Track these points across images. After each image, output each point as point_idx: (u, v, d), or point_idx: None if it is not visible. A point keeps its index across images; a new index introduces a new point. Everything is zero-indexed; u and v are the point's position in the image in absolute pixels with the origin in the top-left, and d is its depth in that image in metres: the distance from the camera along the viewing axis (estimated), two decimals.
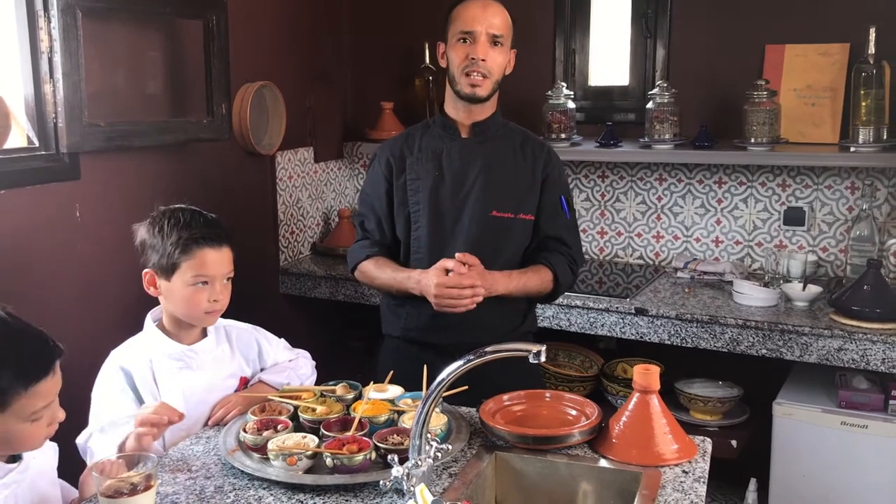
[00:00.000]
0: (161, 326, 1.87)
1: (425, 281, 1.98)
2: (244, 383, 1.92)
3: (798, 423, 2.53)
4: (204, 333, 1.91)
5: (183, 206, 1.87)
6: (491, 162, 2.07)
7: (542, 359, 1.36)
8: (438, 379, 1.39)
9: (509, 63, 2.08)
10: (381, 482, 1.39)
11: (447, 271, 1.95)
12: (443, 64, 2.10)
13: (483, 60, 1.99)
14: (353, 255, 2.18)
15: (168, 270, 1.79)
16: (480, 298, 1.96)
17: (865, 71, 2.66)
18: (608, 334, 2.76)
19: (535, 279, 2.07)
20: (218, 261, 1.82)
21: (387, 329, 2.18)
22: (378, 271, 2.10)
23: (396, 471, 1.37)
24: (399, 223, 2.10)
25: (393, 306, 2.14)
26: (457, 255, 1.96)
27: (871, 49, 2.64)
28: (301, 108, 3.37)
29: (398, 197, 2.10)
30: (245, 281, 3.14)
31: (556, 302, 2.72)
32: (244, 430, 1.64)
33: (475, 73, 2.00)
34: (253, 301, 3.18)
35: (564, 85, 3.16)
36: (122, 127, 2.45)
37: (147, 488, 1.37)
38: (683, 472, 1.56)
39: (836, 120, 2.85)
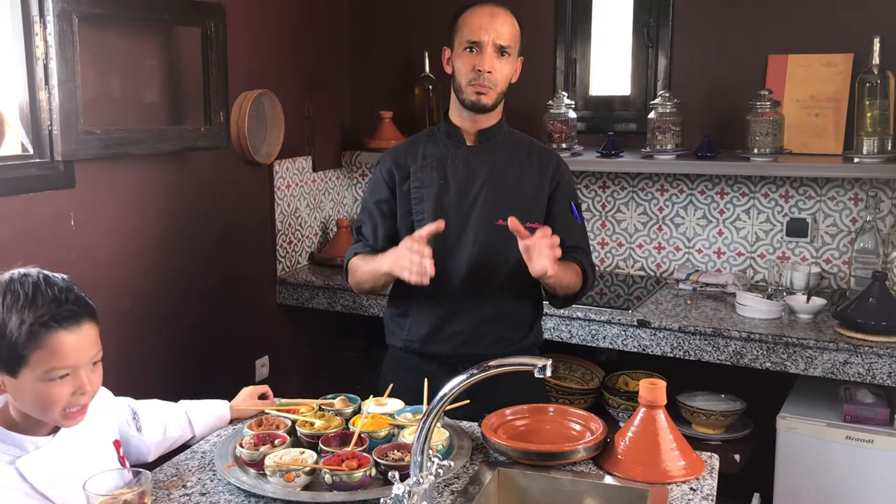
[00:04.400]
0: (6, 420, 1.43)
1: (398, 252, 1.86)
2: (118, 447, 1.61)
3: (802, 437, 2.50)
4: None
5: (24, 271, 1.43)
6: (496, 170, 2.04)
7: (548, 373, 1.32)
8: (441, 393, 1.35)
9: (516, 71, 2.05)
10: (382, 500, 1.35)
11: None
12: (448, 70, 2.06)
13: (489, 73, 1.95)
14: (346, 258, 2.13)
15: (12, 366, 1.36)
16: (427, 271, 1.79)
17: (870, 81, 2.64)
18: (610, 346, 2.72)
19: (571, 273, 2.01)
20: (78, 345, 1.38)
21: (389, 340, 2.15)
22: (361, 263, 2.04)
23: (398, 488, 1.33)
24: (402, 232, 2.07)
25: (396, 317, 2.11)
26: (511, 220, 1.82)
27: (876, 59, 2.61)
28: (299, 116, 3.34)
29: (402, 206, 2.06)
30: (242, 291, 3.13)
31: (558, 313, 2.69)
32: (240, 445, 1.60)
33: (481, 85, 1.96)
34: (249, 312, 3.16)
35: (565, 94, 3.14)
36: (118, 135, 2.41)
37: None
38: (691, 489, 1.52)
39: (839, 131, 2.83)
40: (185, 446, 1.78)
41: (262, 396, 1.92)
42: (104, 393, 1.65)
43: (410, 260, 1.80)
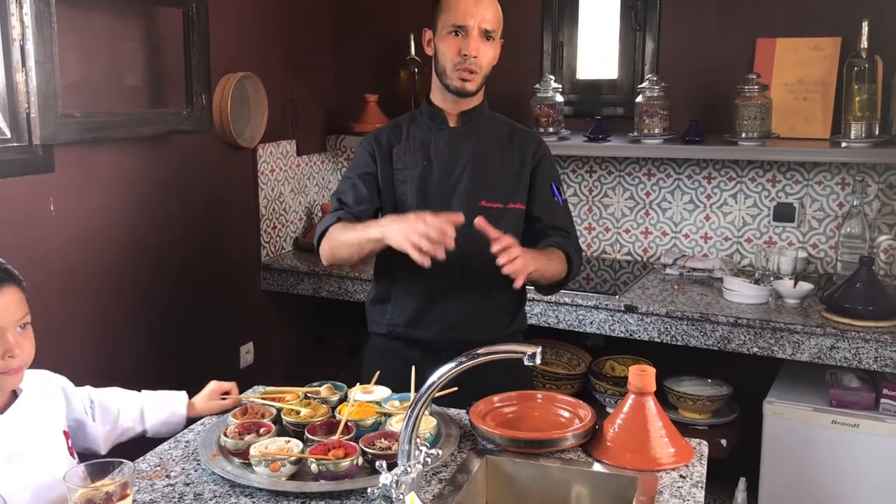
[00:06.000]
0: None
1: (399, 222, 1.77)
2: (67, 437, 1.59)
3: (788, 421, 2.50)
4: (13, 394, 1.52)
5: None
6: (479, 152, 2.02)
7: (538, 361, 1.30)
8: (429, 382, 1.33)
9: (496, 55, 2.03)
10: (369, 489, 1.33)
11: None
12: (428, 51, 2.04)
13: (475, 57, 1.94)
14: (321, 226, 2.01)
15: None
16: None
17: (858, 65, 2.62)
18: (597, 332, 2.71)
19: (556, 260, 1.97)
20: (1, 306, 1.43)
21: (372, 327, 2.12)
22: (342, 231, 1.92)
23: (385, 478, 1.31)
24: (386, 214, 2.04)
25: (376, 303, 2.09)
26: (478, 220, 1.78)
27: (864, 43, 2.60)
28: (283, 99, 3.30)
29: (385, 187, 2.03)
30: (226, 277, 3.09)
31: (545, 298, 2.68)
32: (225, 434, 1.58)
33: (466, 70, 1.95)
34: (234, 298, 3.12)
35: (552, 78, 3.11)
36: (98, 118, 2.37)
37: (122, 497, 1.31)
38: (681, 476, 1.52)
39: (827, 115, 2.82)
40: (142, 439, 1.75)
41: (227, 394, 1.84)
42: (63, 381, 1.63)
43: (427, 231, 1.66)
